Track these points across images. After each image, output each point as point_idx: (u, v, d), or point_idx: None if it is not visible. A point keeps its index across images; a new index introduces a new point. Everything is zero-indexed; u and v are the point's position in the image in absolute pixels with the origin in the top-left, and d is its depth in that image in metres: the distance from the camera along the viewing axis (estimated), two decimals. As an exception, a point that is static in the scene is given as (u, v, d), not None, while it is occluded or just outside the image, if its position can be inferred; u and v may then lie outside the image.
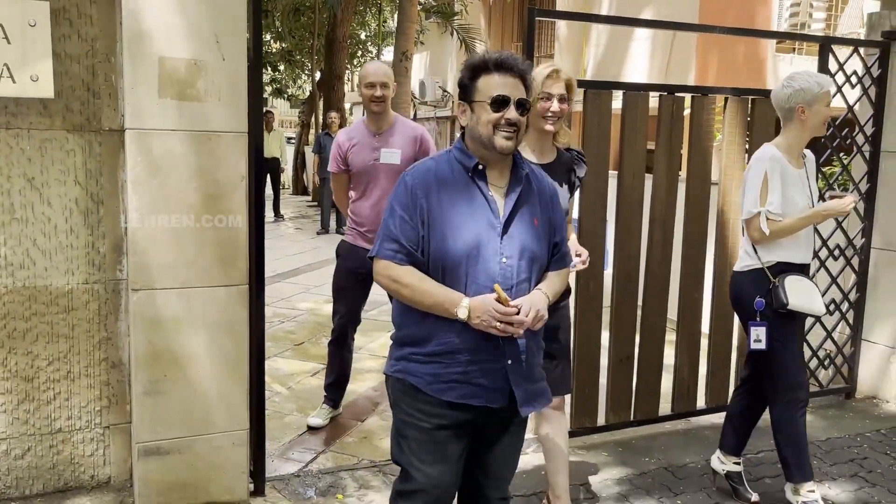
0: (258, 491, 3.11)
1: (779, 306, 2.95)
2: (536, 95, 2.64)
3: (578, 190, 2.98)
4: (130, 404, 2.97)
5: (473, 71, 2.14)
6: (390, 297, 2.38)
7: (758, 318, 3.02)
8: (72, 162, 2.83)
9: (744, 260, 3.12)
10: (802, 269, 3.11)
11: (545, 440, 2.91)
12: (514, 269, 2.11)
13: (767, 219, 2.96)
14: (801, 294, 2.97)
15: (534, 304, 2.08)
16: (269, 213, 12.47)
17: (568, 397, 2.88)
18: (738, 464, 3.30)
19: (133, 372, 2.87)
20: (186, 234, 2.80)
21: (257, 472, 3.13)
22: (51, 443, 2.94)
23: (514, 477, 2.36)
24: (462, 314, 2.04)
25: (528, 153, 2.68)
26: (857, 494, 3.33)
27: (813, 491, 3.05)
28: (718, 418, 4.07)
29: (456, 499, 2.37)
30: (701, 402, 4.06)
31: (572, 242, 2.83)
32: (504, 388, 2.11)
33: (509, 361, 2.10)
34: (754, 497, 3.21)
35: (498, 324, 2.03)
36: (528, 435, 3.48)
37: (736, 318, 4.09)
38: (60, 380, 2.91)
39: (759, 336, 3.01)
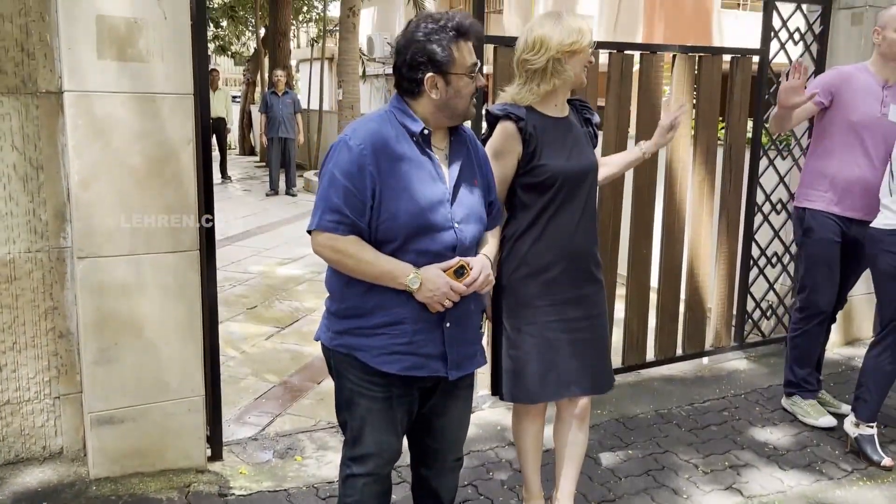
0: (216, 455, 3.11)
1: None
2: (585, 47, 2.44)
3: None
4: (81, 374, 2.92)
5: (451, 40, 1.97)
6: None
7: None
8: (7, 126, 2.71)
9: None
10: None
11: (561, 442, 2.68)
12: (465, 234, 2.08)
13: None
14: None
15: (484, 267, 2.07)
16: (216, 175, 12.21)
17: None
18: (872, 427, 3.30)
19: (82, 341, 2.81)
20: (132, 199, 2.73)
21: (214, 436, 3.12)
22: (-1, 415, 2.88)
23: (468, 433, 2.40)
24: (414, 284, 1.98)
25: (549, 108, 2.51)
26: (797, 438, 3.49)
27: (871, 427, 3.25)
28: (668, 370, 4.22)
29: (410, 463, 2.41)
30: (650, 355, 4.17)
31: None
32: (445, 353, 2.09)
33: (447, 325, 2.08)
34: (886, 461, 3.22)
35: (448, 301, 2.01)
36: (484, 391, 3.56)
37: (684, 272, 4.21)
38: (6, 351, 2.84)
39: None
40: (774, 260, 4.55)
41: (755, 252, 4.47)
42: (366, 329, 2.06)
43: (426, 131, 2.04)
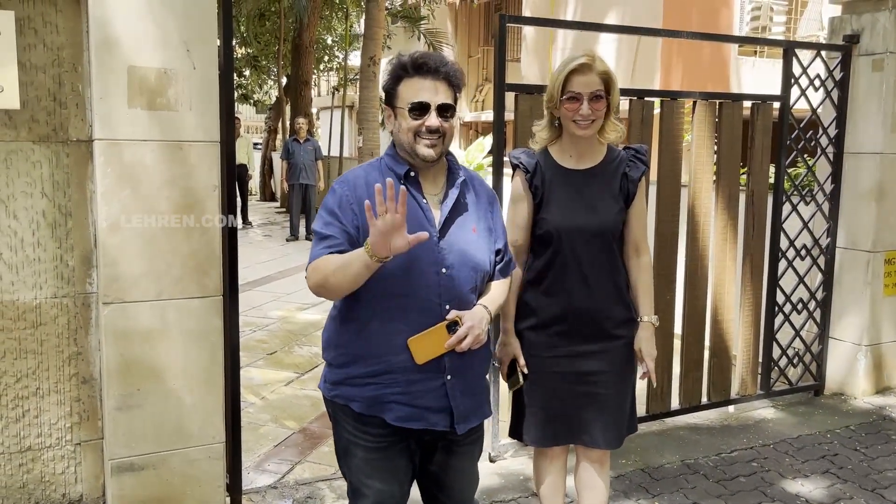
0: (235, 504, 3.07)
1: None
2: (556, 94, 2.38)
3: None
4: (102, 420, 2.91)
5: (395, 75, 2.01)
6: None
7: None
8: (38, 174, 2.76)
9: None
10: None
11: (580, 487, 2.63)
12: (455, 280, 2.01)
13: None
14: None
15: (473, 327, 1.98)
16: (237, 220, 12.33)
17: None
18: None
19: (105, 387, 2.81)
20: (158, 245, 2.75)
21: (234, 485, 3.09)
22: (20, 461, 2.86)
23: (490, 483, 2.35)
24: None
25: (564, 159, 2.46)
26: (830, 490, 3.39)
27: None
28: (693, 419, 4.14)
29: None
30: (675, 403, 4.10)
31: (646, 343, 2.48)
32: (446, 407, 2.02)
33: (449, 377, 2.01)
34: None
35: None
36: (506, 440, 3.50)
37: (708, 318, 4.15)
38: (29, 397, 2.84)
39: None
40: (800, 306, 4.49)
41: (780, 298, 4.41)
42: (357, 378, 2.02)
43: (412, 173, 2.02)
